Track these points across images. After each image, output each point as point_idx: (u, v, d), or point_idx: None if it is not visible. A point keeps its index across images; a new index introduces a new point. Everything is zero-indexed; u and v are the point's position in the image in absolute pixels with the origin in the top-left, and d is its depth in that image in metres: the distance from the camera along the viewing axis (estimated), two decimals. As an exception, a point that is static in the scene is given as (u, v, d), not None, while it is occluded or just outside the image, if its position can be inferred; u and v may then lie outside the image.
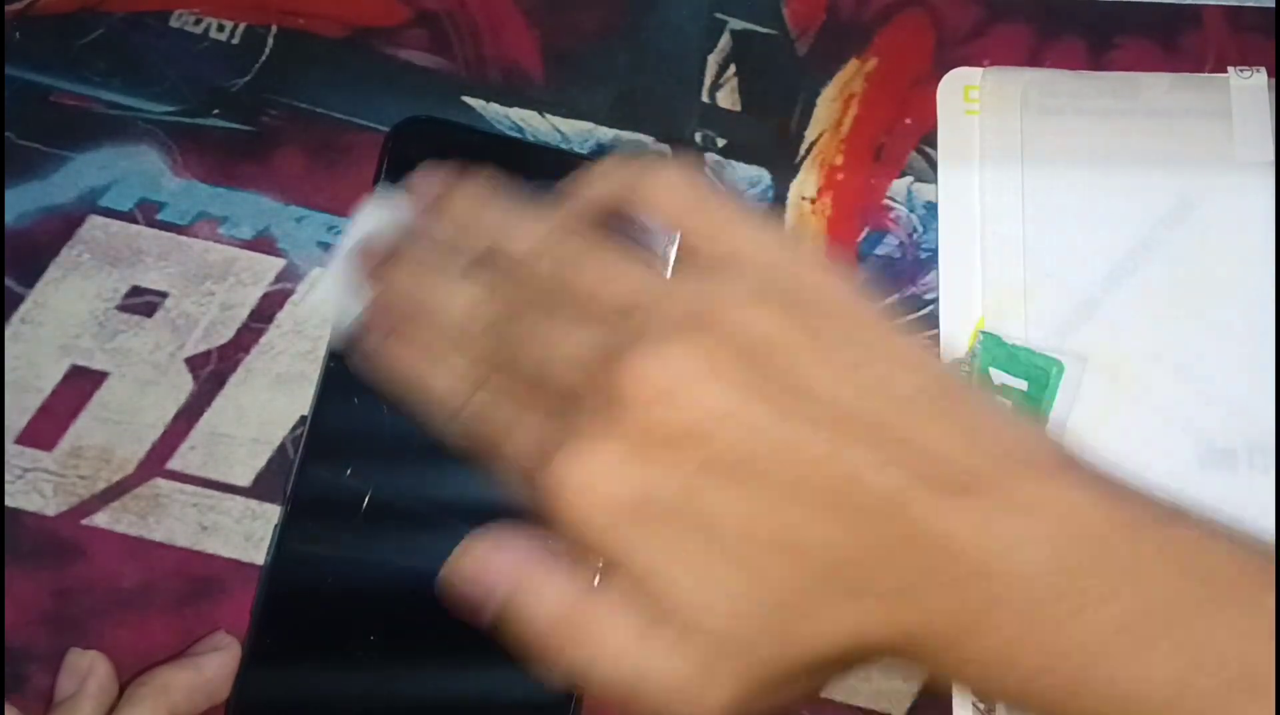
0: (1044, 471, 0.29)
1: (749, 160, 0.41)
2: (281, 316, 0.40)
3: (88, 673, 0.36)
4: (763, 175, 0.41)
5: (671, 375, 0.29)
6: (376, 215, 0.37)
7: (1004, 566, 0.28)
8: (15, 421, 0.39)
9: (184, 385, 0.39)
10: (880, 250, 0.41)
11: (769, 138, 0.42)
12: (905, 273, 0.41)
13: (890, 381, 0.30)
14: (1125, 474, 0.30)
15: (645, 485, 0.29)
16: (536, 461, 0.30)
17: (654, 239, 0.35)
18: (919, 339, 0.33)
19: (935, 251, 0.40)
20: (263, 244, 0.41)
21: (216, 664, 0.36)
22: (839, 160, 0.41)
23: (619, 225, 0.34)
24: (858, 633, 0.29)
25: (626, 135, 0.41)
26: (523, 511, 0.37)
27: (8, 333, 0.40)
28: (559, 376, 0.31)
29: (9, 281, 0.40)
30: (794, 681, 0.30)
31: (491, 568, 0.31)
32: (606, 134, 0.41)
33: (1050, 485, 0.29)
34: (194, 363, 0.40)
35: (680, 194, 0.33)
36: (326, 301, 0.36)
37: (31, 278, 0.40)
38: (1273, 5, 0.42)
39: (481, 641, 0.36)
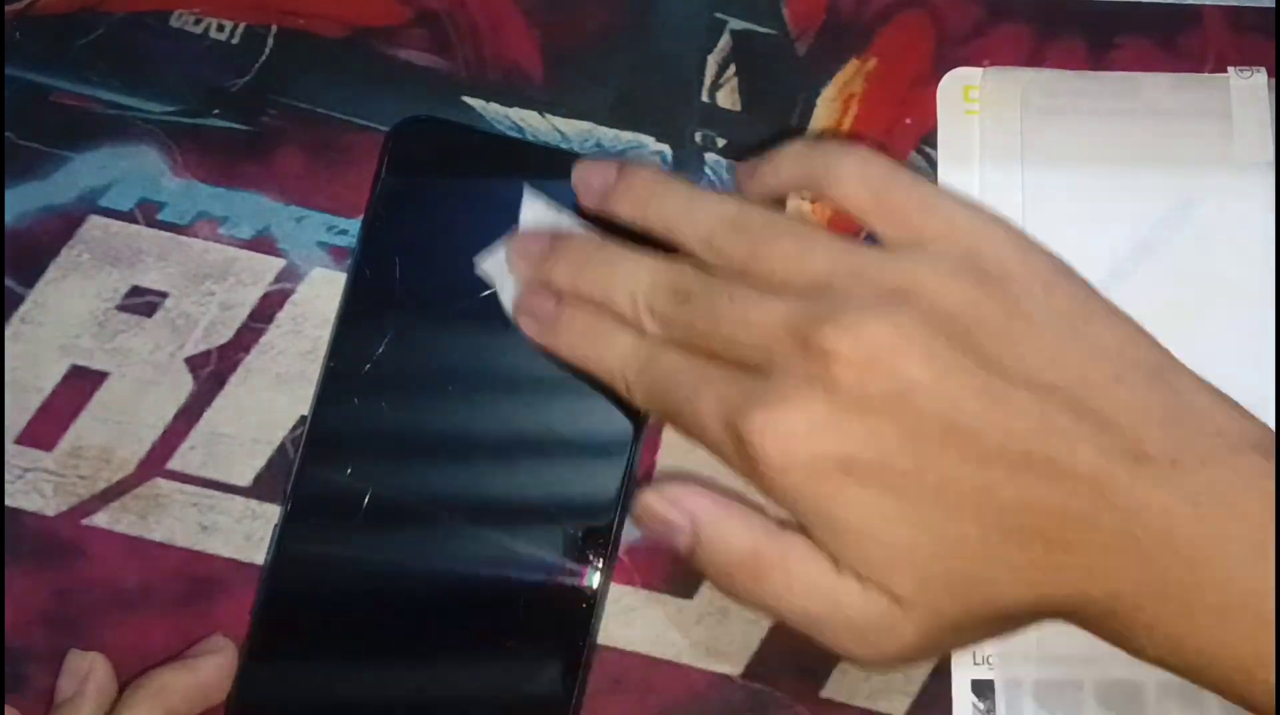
0: (1248, 456, 0.30)
1: (749, 160, 0.41)
2: (281, 316, 0.40)
3: (87, 674, 0.36)
4: (763, 175, 0.41)
5: (876, 343, 0.31)
6: (539, 207, 0.38)
7: (1201, 545, 0.29)
8: (15, 421, 0.39)
9: (184, 385, 0.39)
10: (880, 250, 0.41)
11: (769, 137, 0.42)
12: (905, 273, 0.41)
13: (1094, 358, 0.31)
14: None
15: (847, 444, 0.30)
16: (733, 415, 0.31)
17: None
18: (1125, 317, 0.33)
19: (935, 251, 0.40)
20: (263, 244, 0.41)
21: (213, 666, 0.36)
22: (839, 160, 0.41)
23: None
24: (1043, 595, 0.30)
25: (627, 135, 0.41)
26: (528, 510, 0.38)
27: (8, 333, 0.40)
28: (751, 341, 0.32)
29: (9, 281, 0.40)
30: (975, 630, 0.32)
31: (682, 504, 0.33)
32: (607, 134, 0.41)
33: (1254, 470, 0.30)
34: (194, 363, 0.40)
35: (868, 179, 0.33)
36: (495, 279, 0.38)
37: (31, 278, 0.40)
38: (1273, 5, 0.42)
39: (481, 641, 0.37)
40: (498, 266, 0.38)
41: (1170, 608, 0.29)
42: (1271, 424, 0.38)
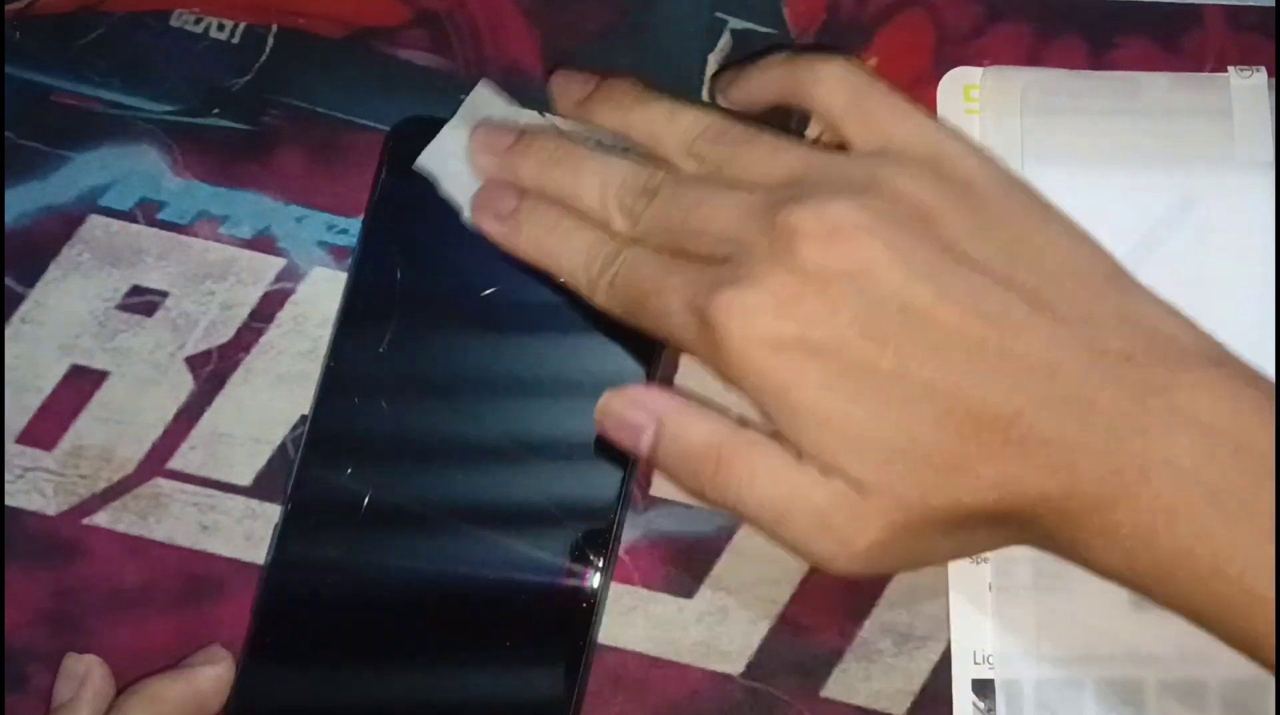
0: (1202, 360, 0.30)
1: (749, 160, 0.41)
2: (282, 316, 0.40)
3: (84, 678, 0.36)
4: (763, 175, 0.41)
5: (839, 219, 0.31)
6: (492, 100, 0.39)
7: (1159, 445, 0.29)
8: (15, 421, 0.39)
9: (184, 385, 0.39)
10: (880, 250, 0.41)
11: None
12: (905, 272, 0.41)
13: (1050, 257, 0.32)
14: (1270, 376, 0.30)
15: (808, 323, 0.31)
16: (698, 297, 0.32)
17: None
18: (1081, 229, 0.33)
19: (935, 251, 0.40)
20: (263, 243, 0.41)
21: (210, 676, 0.36)
22: (839, 160, 0.41)
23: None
24: (1004, 490, 0.30)
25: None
26: (528, 510, 0.38)
27: (8, 333, 0.40)
28: (720, 230, 0.33)
29: (9, 281, 0.40)
30: (936, 535, 0.31)
31: (643, 404, 0.34)
32: (607, 134, 0.41)
33: (1209, 375, 0.30)
34: (194, 362, 0.40)
35: (848, 83, 0.34)
36: (442, 168, 0.38)
37: (32, 277, 0.40)
38: (1273, 5, 0.42)
39: (481, 642, 0.37)
40: (437, 159, 0.38)
41: (1123, 510, 0.29)
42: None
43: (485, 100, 0.40)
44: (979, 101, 0.41)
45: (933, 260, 0.31)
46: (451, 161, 0.38)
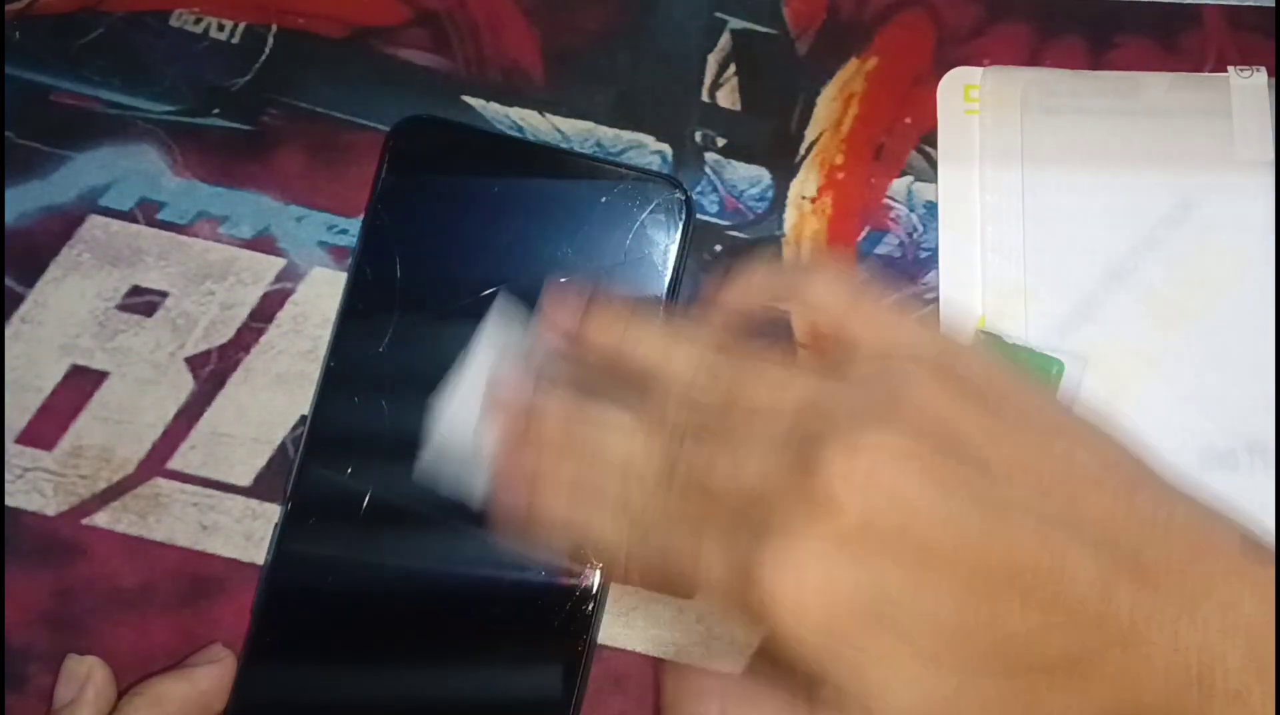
0: (1238, 558, 0.30)
1: (749, 160, 0.41)
2: (281, 316, 0.40)
3: (85, 679, 0.36)
4: (763, 175, 0.41)
5: (867, 470, 0.29)
6: (500, 336, 0.36)
7: (1209, 661, 0.29)
8: (15, 421, 0.39)
9: (184, 385, 0.39)
10: (880, 250, 0.41)
11: (769, 137, 0.42)
12: (905, 272, 0.41)
13: (1076, 463, 0.31)
14: None
15: (857, 584, 0.29)
16: (737, 577, 0.30)
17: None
18: (1096, 423, 0.32)
19: (935, 251, 0.40)
20: (263, 243, 0.41)
21: (212, 676, 0.36)
22: (839, 159, 0.41)
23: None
24: None
25: (627, 135, 0.41)
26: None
27: (8, 332, 0.40)
28: (743, 487, 0.31)
29: (9, 281, 0.40)
30: None
31: (710, 692, 0.32)
32: (607, 134, 0.41)
33: (1249, 575, 0.29)
34: (194, 362, 0.40)
35: (839, 287, 0.33)
36: (452, 443, 0.35)
37: (32, 277, 0.40)
38: (1273, 5, 0.42)
39: (481, 642, 0.37)
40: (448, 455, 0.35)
41: None
42: (1273, 423, 0.38)
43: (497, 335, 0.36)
44: (979, 101, 0.41)
45: (970, 486, 0.30)
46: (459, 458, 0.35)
